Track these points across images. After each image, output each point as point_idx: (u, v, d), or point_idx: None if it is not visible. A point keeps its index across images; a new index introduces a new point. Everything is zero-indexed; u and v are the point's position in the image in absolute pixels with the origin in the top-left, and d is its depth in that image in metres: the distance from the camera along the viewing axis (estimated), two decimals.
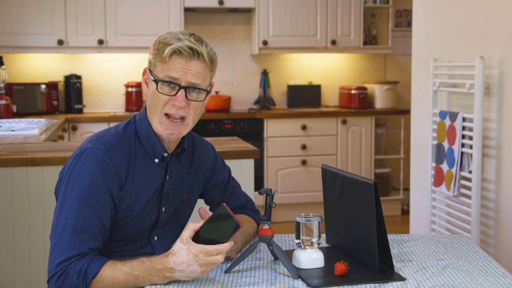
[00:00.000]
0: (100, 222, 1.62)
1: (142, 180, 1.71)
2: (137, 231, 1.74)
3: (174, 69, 1.64)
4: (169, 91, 1.65)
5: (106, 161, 1.63)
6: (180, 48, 1.62)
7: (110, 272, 1.56)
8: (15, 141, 3.25)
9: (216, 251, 1.51)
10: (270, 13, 5.26)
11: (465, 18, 3.06)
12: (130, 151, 1.69)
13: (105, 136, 1.69)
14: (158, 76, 1.65)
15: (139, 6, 5.02)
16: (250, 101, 5.62)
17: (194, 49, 1.64)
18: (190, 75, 1.64)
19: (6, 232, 2.67)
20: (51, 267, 1.59)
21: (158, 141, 1.72)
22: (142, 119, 1.74)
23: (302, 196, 5.24)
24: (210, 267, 1.53)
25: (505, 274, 1.64)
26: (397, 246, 1.90)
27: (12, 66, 5.12)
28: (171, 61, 1.64)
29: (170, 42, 1.63)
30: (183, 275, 1.53)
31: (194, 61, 1.64)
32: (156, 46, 1.67)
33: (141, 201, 1.71)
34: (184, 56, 1.63)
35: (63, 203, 1.62)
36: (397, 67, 5.89)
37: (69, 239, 1.58)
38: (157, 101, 1.67)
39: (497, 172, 2.84)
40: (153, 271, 1.54)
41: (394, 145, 5.69)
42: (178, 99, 1.64)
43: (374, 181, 1.58)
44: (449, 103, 3.23)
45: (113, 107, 5.38)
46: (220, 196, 1.96)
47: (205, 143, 1.94)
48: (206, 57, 1.66)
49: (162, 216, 1.77)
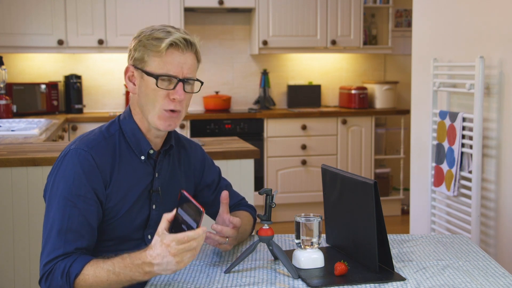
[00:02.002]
0: (86, 221, 1.62)
1: (128, 177, 1.71)
2: (128, 230, 1.73)
3: (172, 63, 1.65)
4: (167, 85, 1.67)
5: (89, 160, 1.64)
6: (176, 41, 1.64)
7: (92, 270, 1.54)
8: (15, 141, 3.25)
9: (187, 237, 1.45)
10: (270, 13, 5.26)
11: (465, 18, 3.06)
12: (114, 149, 1.70)
13: (88, 136, 1.71)
14: (154, 72, 1.65)
15: (139, 6, 5.02)
16: (250, 101, 5.62)
17: (188, 40, 1.67)
18: (186, 68, 1.67)
19: (6, 232, 2.67)
20: (40, 268, 1.60)
21: (144, 139, 1.73)
22: (127, 118, 1.75)
23: (302, 196, 5.24)
24: (186, 256, 1.47)
25: (505, 274, 1.64)
26: (397, 246, 1.90)
27: (12, 66, 5.12)
28: (167, 55, 1.65)
29: (163, 36, 1.65)
30: (161, 268, 1.48)
31: (188, 52, 1.67)
32: (144, 42, 1.67)
33: (129, 199, 1.71)
34: (180, 48, 1.65)
35: (49, 206, 1.64)
36: (397, 67, 5.89)
37: (55, 239, 1.59)
38: (153, 97, 1.67)
39: (497, 172, 2.84)
40: (132, 267, 1.52)
41: (394, 145, 5.69)
42: (178, 92, 1.66)
43: (374, 181, 1.58)
44: (449, 103, 3.23)
45: (113, 107, 5.38)
46: (212, 196, 1.95)
47: (193, 143, 1.95)
48: (198, 47, 1.69)
49: (153, 214, 1.77)
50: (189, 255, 1.48)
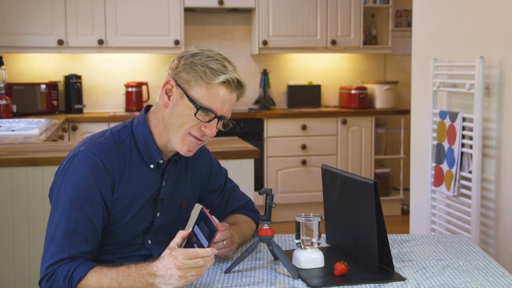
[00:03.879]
0: (92, 225, 1.61)
1: (136, 185, 1.69)
2: (131, 236, 1.72)
3: (217, 100, 1.62)
4: (203, 117, 1.64)
5: (98, 164, 1.62)
6: (230, 80, 1.62)
7: (96, 277, 1.53)
8: (15, 141, 3.25)
9: (195, 253, 1.46)
10: (270, 13, 5.26)
11: (465, 18, 3.06)
12: (124, 155, 1.68)
13: (99, 139, 1.68)
14: (197, 100, 1.62)
15: (139, 6, 5.02)
16: (250, 101, 5.62)
17: (240, 82, 1.65)
18: (227, 107, 1.65)
19: (6, 232, 2.67)
20: (42, 269, 1.58)
21: (155, 148, 1.71)
22: (141, 124, 1.72)
23: (302, 196, 5.24)
24: (190, 273, 1.46)
25: (505, 274, 1.64)
26: (397, 246, 1.90)
27: (12, 66, 5.12)
28: (216, 89, 1.62)
29: (219, 70, 1.61)
30: (163, 281, 1.47)
31: (234, 93, 1.65)
32: (196, 66, 1.62)
33: (135, 206, 1.70)
34: (231, 87, 1.63)
35: (55, 206, 1.62)
36: (397, 67, 5.89)
37: (59, 241, 1.57)
38: (185, 120, 1.64)
39: (497, 172, 2.84)
40: (136, 277, 1.50)
41: (394, 145, 5.69)
42: (212, 128, 1.64)
43: (374, 181, 1.58)
44: (449, 103, 3.23)
45: (113, 107, 5.38)
46: (217, 200, 1.94)
47: (200, 149, 1.90)
48: (245, 90, 1.67)
49: (156, 221, 1.76)
50: (193, 273, 1.47)
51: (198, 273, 1.48)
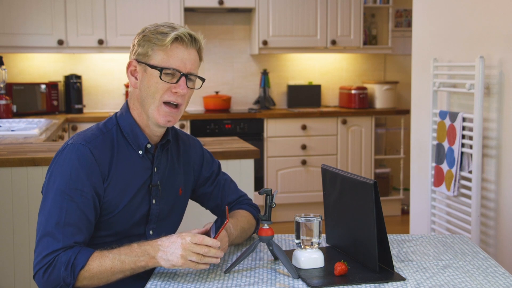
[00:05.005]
0: (83, 215, 1.63)
1: (126, 172, 1.72)
2: (128, 225, 1.74)
3: (176, 57, 1.68)
4: (171, 79, 1.69)
5: (87, 154, 1.65)
6: (181, 35, 1.67)
7: (97, 261, 1.57)
8: (15, 141, 3.25)
9: (203, 239, 1.54)
10: (270, 13, 5.26)
11: (465, 18, 3.06)
12: (112, 144, 1.71)
13: (85, 132, 1.73)
14: (159, 65, 1.68)
15: (139, 6, 5.02)
16: (250, 101, 5.62)
17: (193, 36, 1.70)
18: (189, 64, 1.70)
19: (6, 232, 2.67)
20: (36, 261, 1.59)
21: (141, 133, 1.75)
22: (124, 113, 1.76)
23: (302, 196, 5.24)
24: (191, 257, 1.54)
25: (505, 274, 1.64)
26: (397, 246, 1.90)
27: (12, 66, 5.12)
28: (172, 49, 1.68)
29: (168, 31, 1.68)
30: (164, 256, 1.54)
31: (192, 48, 1.70)
32: (149, 37, 1.69)
33: (127, 193, 1.72)
34: (184, 42, 1.68)
35: (45, 199, 1.64)
36: (397, 67, 5.89)
37: (53, 232, 1.59)
38: (155, 89, 1.69)
39: (497, 172, 2.84)
40: (138, 252, 1.57)
41: (394, 145, 5.69)
42: (181, 86, 1.69)
43: (374, 181, 1.58)
44: (449, 103, 3.23)
45: (113, 107, 5.38)
46: (210, 188, 1.96)
47: (192, 139, 1.97)
48: (201, 44, 1.73)
49: (153, 208, 1.77)
50: (194, 258, 1.54)
51: (198, 260, 1.54)
